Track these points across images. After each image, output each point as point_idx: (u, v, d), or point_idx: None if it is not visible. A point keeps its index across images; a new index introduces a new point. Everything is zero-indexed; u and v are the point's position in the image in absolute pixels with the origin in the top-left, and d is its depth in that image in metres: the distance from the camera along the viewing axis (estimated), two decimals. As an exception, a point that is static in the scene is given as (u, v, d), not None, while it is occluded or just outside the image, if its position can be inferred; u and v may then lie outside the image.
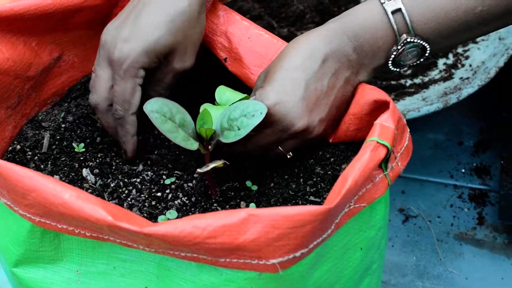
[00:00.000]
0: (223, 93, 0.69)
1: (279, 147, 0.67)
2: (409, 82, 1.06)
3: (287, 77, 0.65)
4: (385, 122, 0.58)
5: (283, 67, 0.66)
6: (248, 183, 0.69)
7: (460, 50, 1.08)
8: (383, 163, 0.58)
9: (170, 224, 0.51)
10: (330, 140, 0.69)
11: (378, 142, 0.57)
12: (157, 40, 0.67)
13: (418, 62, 0.68)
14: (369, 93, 0.65)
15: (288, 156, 0.67)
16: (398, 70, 0.68)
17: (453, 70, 1.05)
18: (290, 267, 0.52)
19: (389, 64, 0.67)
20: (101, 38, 0.69)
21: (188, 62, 0.71)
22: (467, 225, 0.94)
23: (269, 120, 0.64)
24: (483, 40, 1.07)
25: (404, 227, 0.94)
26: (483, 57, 1.03)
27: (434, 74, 1.06)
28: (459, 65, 1.05)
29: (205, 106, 0.66)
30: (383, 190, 0.59)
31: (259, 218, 0.50)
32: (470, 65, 1.03)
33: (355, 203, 0.57)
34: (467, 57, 1.06)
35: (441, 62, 1.08)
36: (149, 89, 0.71)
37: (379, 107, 0.63)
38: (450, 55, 1.08)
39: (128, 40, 0.67)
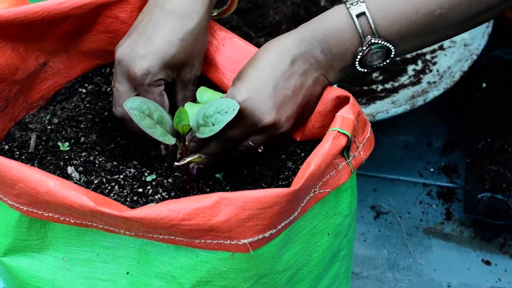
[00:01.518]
0: (204, 93, 0.74)
1: (250, 142, 0.71)
2: (380, 87, 1.11)
3: (257, 76, 0.69)
4: (345, 114, 0.63)
5: (254, 67, 0.70)
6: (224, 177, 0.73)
7: (428, 56, 1.14)
8: (345, 151, 0.62)
9: (148, 209, 0.55)
10: (298, 139, 0.73)
11: (339, 132, 0.61)
12: (172, 57, 0.73)
13: (384, 63, 0.72)
14: (330, 91, 0.70)
15: (259, 150, 0.72)
16: (365, 70, 0.72)
17: (421, 75, 1.10)
18: (260, 248, 0.56)
19: (356, 65, 0.71)
20: (116, 56, 0.75)
21: (197, 72, 0.78)
22: (436, 220, 0.98)
23: (239, 115, 0.69)
24: (449, 47, 1.12)
25: (375, 222, 0.98)
26: (449, 63, 1.08)
27: (403, 79, 1.11)
28: (427, 71, 1.10)
29: (188, 104, 0.71)
30: (346, 177, 0.64)
31: (230, 200, 0.54)
32: (437, 70, 1.08)
33: (320, 188, 0.61)
34: (434, 63, 1.11)
35: (410, 68, 1.13)
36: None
37: (341, 103, 0.68)
38: (419, 61, 1.14)
39: (145, 57, 0.73)
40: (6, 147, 0.75)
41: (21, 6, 0.75)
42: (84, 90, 0.83)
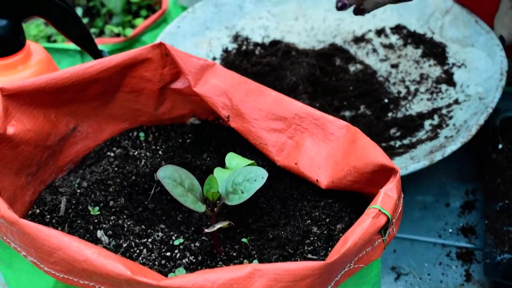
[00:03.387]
0: (232, 159, 0.76)
1: None
2: (398, 143, 1.13)
3: None
4: (389, 192, 0.63)
5: None
6: (251, 243, 0.74)
7: (444, 111, 1.15)
8: (383, 230, 0.63)
9: (184, 278, 0.56)
10: (323, 186, 0.74)
11: (380, 210, 0.62)
12: None
13: None
14: (374, 153, 0.67)
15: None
16: None
17: (438, 130, 1.11)
18: (291, 318, 0.57)
19: None
20: None
21: None
22: (455, 282, 0.99)
23: None
24: (465, 100, 1.14)
25: (396, 284, 0.99)
26: (465, 116, 1.09)
27: (421, 134, 1.13)
28: (444, 125, 1.12)
29: (217, 170, 0.73)
30: (379, 253, 0.64)
31: (263, 272, 0.55)
32: (454, 124, 1.09)
33: (355, 263, 0.62)
34: (451, 117, 1.12)
35: (427, 123, 1.15)
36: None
37: (384, 172, 0.67)
38: (435, 116, 1.15)
39: None
40: (37, 210, 0.77)
41: (51, 73, 0.77)
42: (112, 154, 0.85)
